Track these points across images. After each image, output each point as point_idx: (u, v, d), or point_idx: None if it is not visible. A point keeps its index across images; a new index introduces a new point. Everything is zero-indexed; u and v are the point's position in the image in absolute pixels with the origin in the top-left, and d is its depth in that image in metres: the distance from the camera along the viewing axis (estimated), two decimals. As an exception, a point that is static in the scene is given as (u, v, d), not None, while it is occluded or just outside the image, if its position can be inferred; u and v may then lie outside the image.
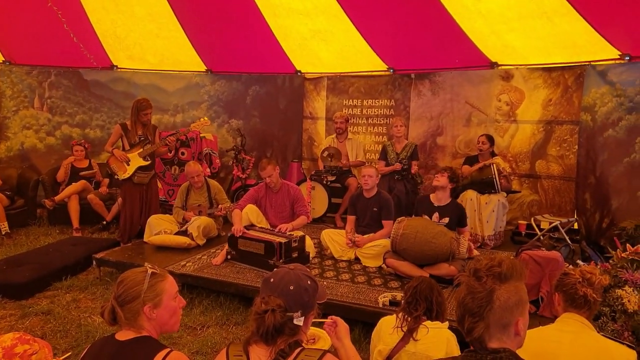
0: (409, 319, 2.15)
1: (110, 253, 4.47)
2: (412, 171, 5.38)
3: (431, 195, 4.35)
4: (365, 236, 4.39)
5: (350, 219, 4.62)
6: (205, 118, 5.39)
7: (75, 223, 5.72)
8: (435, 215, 4.19)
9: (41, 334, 3.36)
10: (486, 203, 4.93)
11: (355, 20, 5.52)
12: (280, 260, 3.91)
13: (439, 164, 6.00)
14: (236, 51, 6.50)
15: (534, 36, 5.07)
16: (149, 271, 1.64)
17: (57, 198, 5.79)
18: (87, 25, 6.12)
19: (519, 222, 5.44)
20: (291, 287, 1.50)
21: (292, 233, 4.22)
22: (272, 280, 1.54)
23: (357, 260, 4.36)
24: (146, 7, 5.98)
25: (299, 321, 1.48)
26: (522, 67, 5.63)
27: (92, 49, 6.37)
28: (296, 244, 4.08)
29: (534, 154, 5.67)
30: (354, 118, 6.56)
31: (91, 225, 5.86)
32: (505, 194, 5.09)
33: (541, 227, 4.97)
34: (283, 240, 4.01)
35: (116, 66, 6.92)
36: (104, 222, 5.84)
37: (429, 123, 6.19)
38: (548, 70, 5.50)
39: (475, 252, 4.32)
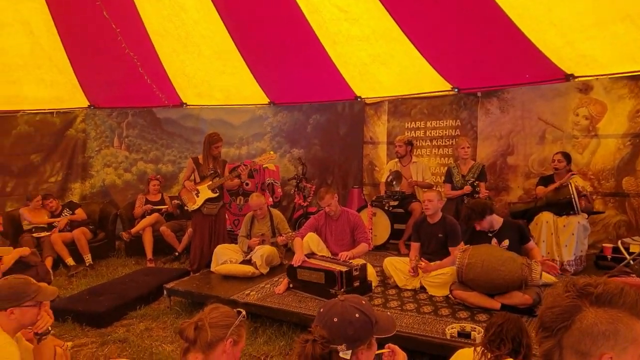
0: (490, 356, 2.04)
1: (180, 283, 4.70)
2: (481, 194, 5.21)
3: (477, 226, 4.04)
4: (432, 264, 4.29)
5: (414, 245, 4.55)
6: (272, 152, 5.64)
7: (149, 254, 6.14)
8: (494, 241, 4.00)
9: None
10: (564, 226, 4.65)
11: (416, 42, 5.53)
12: (342, 290, 3.93)
13: (510, 185, 5.77)
14: (296, 82, 6.76)
15: (616, 42, 4.76)
16: (243, 313, 1.83)
17: (133, 231, 6.28)
18: (159, 67, 6.68)
19: (604, 245, 5.05)
20: (335, 320, 1.49)
21: (352, 261, 4.24)
22: (321, 310, 1.57)
23: (422, 289, 4.26)
24: (212, 46, 6.42)
25: (345, 354, 1.47)
26: (603, 77, 5.30)
27: (163, 88, 6.92)
28: (357, 273, 4.08)
29: (619, 170, 5.28)
30: (417, 140, 6.52)
31: (164, 256, 6.26)
32: (586, 215, 4.77)
33: (630, 250, 4.57)
34: (344, 269, 4.03)
35: (185, 103, 7.44)
36: (176, 253, 6.22)
37: (498, 142, 6.00)
38: (634, 78, 5.15)
39: (553, 279, 4.07)
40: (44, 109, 7.11)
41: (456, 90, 6.18)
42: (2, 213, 5.72)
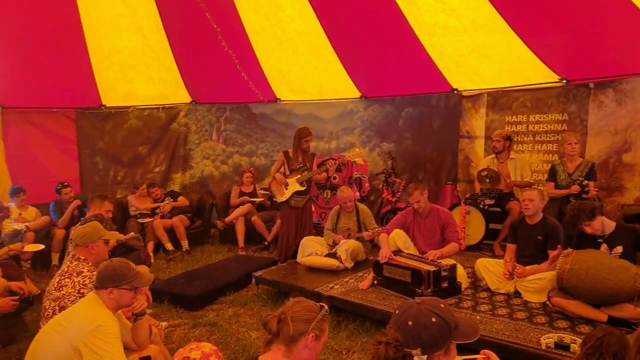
0: None
1: (267, 272, 4.86)
2: (590, 194, 4.73)
3: (586, 229, 3.65)
4: (528, 267, 3.99)
5: (510, 247, 4.26)
6: (360, 148, 5.64)
7: (241, 242, 6.45)
8: (604, 247, 3.60)
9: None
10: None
11: (519, 31, 5.19)
12: (429, 290, 3.80)
13: (625, 185, 5.17)
14: (389, 75, 6.65)
15: None
16: (325, 308, 1.84)
17: (227, 219, 6.65)
18: (255, 64, 6.95)
19: None
20: (409, 323, 1.44)
21: (441, 261, 4.08)
22: (397, 311, 1.52)
23: (517, 294, 3.97)
24: (306, 42, 6.55)
25: (420, 359, 1.43)
26: None
27: (259, 84, 7.20)
28: (446, 273, 3.92)
29: None
30: (518, 135, 6.09)
31: (254, 245, 6.54)
32: None
33: None
34: (432, 268, 3.89)
35: (279, 99, 7.67)
36: (266, 243, 6.47)
37: (612, 138, 5.40)
38: None
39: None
40: (152, 105, 7.75)
41: (564, 81, 5.67)
42: (113, 200, 6.33)
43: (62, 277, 3.04)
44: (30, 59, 6.24)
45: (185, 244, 6.46)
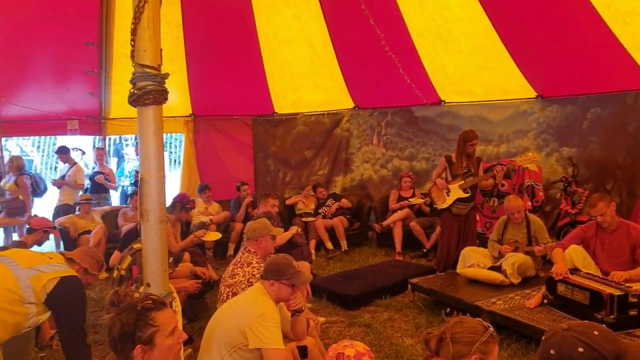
0: None
1: (424, 280, 4.79)
2: None
3: None
4: None
5: None
6: (534, 153, 5.21)
7: (398, 247, 6.48)
8: None
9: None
10: None
11: None
12: (611, 316, 3.33)
13: None
14: (572, 72, 5.97)
15: None
16: (491, 330, 1.77)
17: (385, 223, 6.74)
18: (418, 66, 6.89)
19: None
20: (552, 352, 1.34)
21: (630, 285, 3.52)
22: (543, 337, 1.42)
23: None
24: (474, 42, 6.29)
25: None
26: None
27: (422, 87, 7.13)
28: (635, 300, 3.38)
29: None
30: None
31: (412, 251, 6.50)
32: None
33: None
34: (617, 292, 3.40)
35: (443, 101, 7.49)
36: (424, 250, 6.38)
37: None
38: None
39: None
40: (317, 111, 8.28)
41: None
42: (281, 199, 6.92)
43: (235, 267, 3.47)
44: (215, 74, 7.19)
45: (344, 244, 6.74)
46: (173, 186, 8.06)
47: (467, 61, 6.62)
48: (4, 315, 2.38)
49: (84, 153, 11.28)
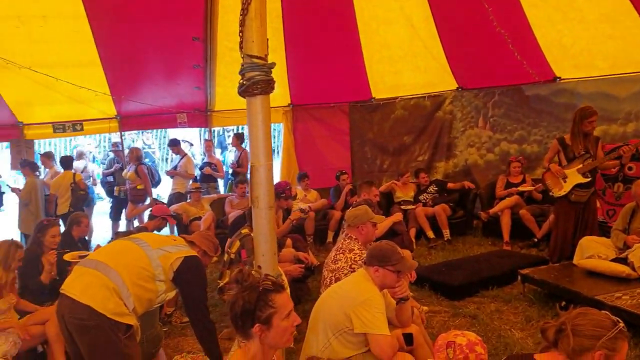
0: None
1: (536, 270, 4.52)
2: None
3: None
4: None
5: None
6: None
7: (506, 237, 6.13)
8: None
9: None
10: None
11: None
12: None
13: None
14: None
15: None
16: (621, 325, 1.65)
17: (492, 211, 6.41)
18: (531, 41, 6.40)
19: None
20: None
21: None
22: None
23: None
24: (598, 9, 5.75)
25: None
26: None
27: (534, 63, 6.62)
28: None
29: None
30: None
31: (521, 240, 6.13)
32: None
33: None
34: None
35: (559, 77, 6.89)
36: (535, 239, 6.00)
37: None
38: None
39: None
40: (418, 94, 8.02)
41: None
42: (379, 187, 6.84)
43: (337, 253, 3.57)
44: (313, 62, 7.26)
45: (446, 233, 6.54)
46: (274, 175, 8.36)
47: (589, 32, 6.08)
48: (139, 291, 2.61)
49: (191, 145, 12.09)
